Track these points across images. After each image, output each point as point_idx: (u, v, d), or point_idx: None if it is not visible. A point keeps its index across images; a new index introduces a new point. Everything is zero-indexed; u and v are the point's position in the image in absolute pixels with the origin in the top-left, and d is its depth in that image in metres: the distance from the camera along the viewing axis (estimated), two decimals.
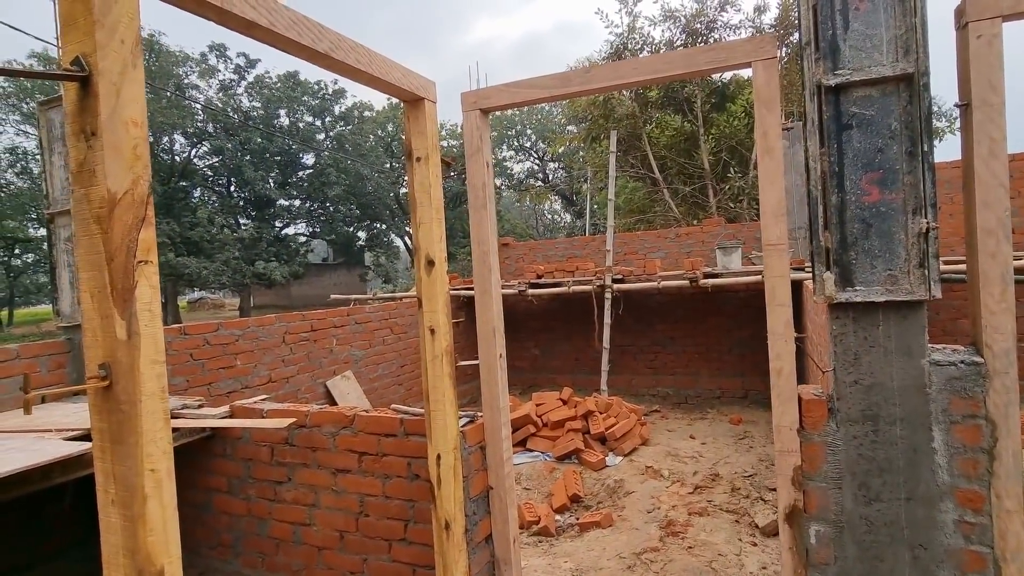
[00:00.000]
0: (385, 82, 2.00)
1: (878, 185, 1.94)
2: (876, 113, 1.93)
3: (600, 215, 17.76)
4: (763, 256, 2.12)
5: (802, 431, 2.07)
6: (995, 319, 1.85)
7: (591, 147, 13.58)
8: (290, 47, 1.60)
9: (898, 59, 1.90)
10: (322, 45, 1.67)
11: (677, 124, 11.98)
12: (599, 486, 4.61)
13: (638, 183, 13.47)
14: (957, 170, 6.71)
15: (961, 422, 1.89)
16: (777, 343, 2.09)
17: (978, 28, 1.83)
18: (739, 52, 2.13)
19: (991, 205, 1.84)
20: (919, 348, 1.92)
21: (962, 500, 1.89)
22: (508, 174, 30.69)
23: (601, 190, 18.23)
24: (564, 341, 8.04)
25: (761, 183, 2.11)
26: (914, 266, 1.90)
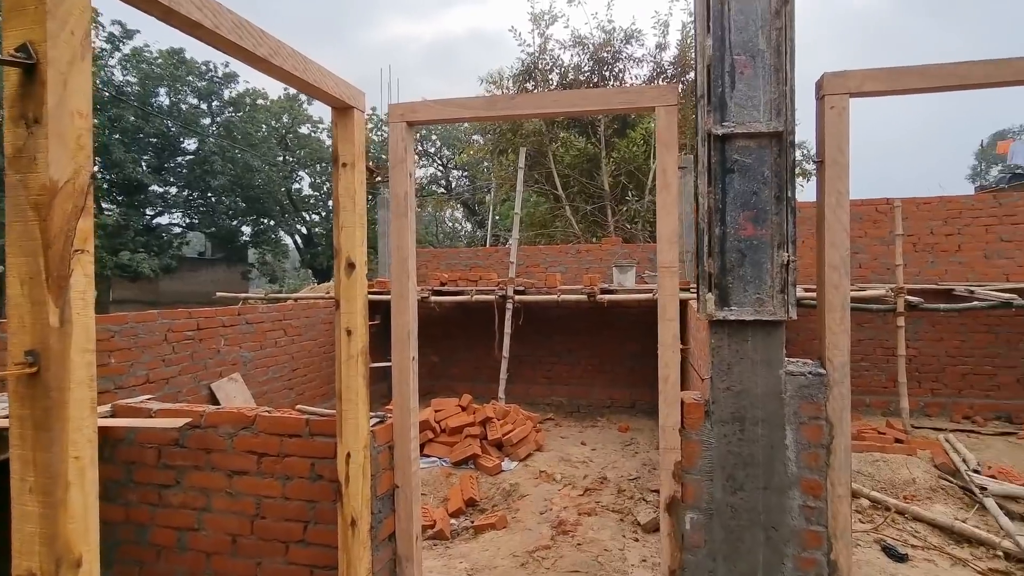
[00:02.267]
0: (318, 89, 2.04)
1: (752, 222, 2.29)
2: (753, 162, 2.29)
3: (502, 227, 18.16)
4: (657, 276, 2.40)
5: (683, 431, 2.37)
6: (835, 339, 2.26)
7: (497, 159, 13.92)
8: (231, 49, 1.61)
9: (772, 118, 2.27)
10: (262, 50, 1.69)
11: (581, 145, 12.64)
12: (495, 490, 4.77)
13: (541, 198, 14.00)
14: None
15: (808, 423, 2.27)
16: (666, 353, 2.37)
17: (832, 100, 2.24)
18: (647, 97, 2.41)
19: (836, 246, 2.25)
20: (778, 360, 2.29)
21: (806, 488, 2.27)
22: None
23: (504, 202, 18.67)
24: (464, 349, 8.16)
25: (659, 213, 2.40)
26: (777, 291, 2.26)
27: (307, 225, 28.35)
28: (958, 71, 2.16)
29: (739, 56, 2.29)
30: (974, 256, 7.27)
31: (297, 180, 27.85)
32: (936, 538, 3.90)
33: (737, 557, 2.32)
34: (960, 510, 4.30)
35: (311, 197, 27.91)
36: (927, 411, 7.20)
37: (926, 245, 7.38)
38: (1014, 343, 7.11)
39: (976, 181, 36.97)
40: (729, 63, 2.30)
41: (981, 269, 7.26)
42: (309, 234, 28.19)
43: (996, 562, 3.56)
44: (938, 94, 2.32)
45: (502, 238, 16.24)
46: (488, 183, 16.90)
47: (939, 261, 7.36)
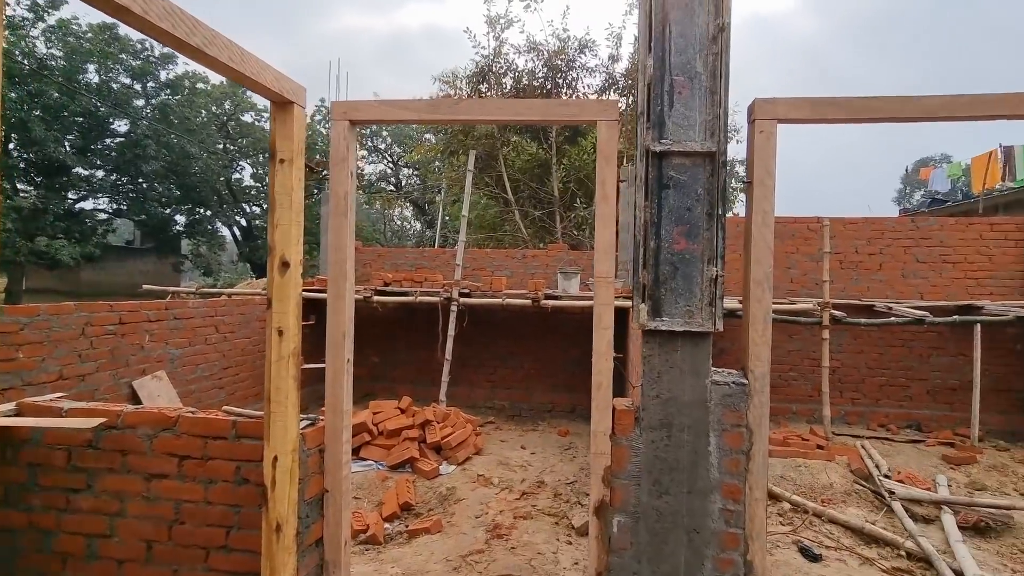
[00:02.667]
0: (256, 82, 1.98)
1: (685, 237, 2.38)
2: (687, 179, 2.38)
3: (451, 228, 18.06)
4: (595, 287, 2.46)
5: (613, 436, 2.43)
6: (757, 350, 2.38)
7: (448, 160, 13.85)
8: (162, 37, 1.55)
9: (706, 138, 2.37)
10: (195, 39, 1.63)
11: (533, 151, 12.74)
12: (431, 494, 4.74)
13: (491, 201, 14.02)
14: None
15: (730, 430, 2.38)
16: (599, 361, 2.43)
17: (761, 125, 2.37)
18: (589, 111, 2.47)
19: (760, 262, 2.38)
20: (705, 370, 2.39)
21: (727, 492, 2.38)
22: (359, 174, 29.75)
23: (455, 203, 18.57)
24: (406, 351, 8.07)
25: (597, 225, 2.46)
26: (706, 304, 2.36)
27: (247, 217, 27.28)
28: (871, 105, 2.32)
29: (678, 77, 2.38)
30: (893, 275, 7.80)
31: (238, 170, 26.72)
32: (848, 539, 4.16)
33: (660, 559, 2.40)
34: (871, 512, 4.61)
35: (252, 188, 26.88)
36: (847, 419, 7.65)
37: (851, 263, 7.86)
38: (925, 357, 7.67)
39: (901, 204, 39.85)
40: (668, 83, 2.39)
41: (899, 287, 7.80)
42: (249, 226, 27.13)
43: (900, 561, 3.83)
44: None
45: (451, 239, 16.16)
46: (439, 183, 16.79)
47: (862, 278, 7.85)
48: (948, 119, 2.31)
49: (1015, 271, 7.60)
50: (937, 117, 2.31)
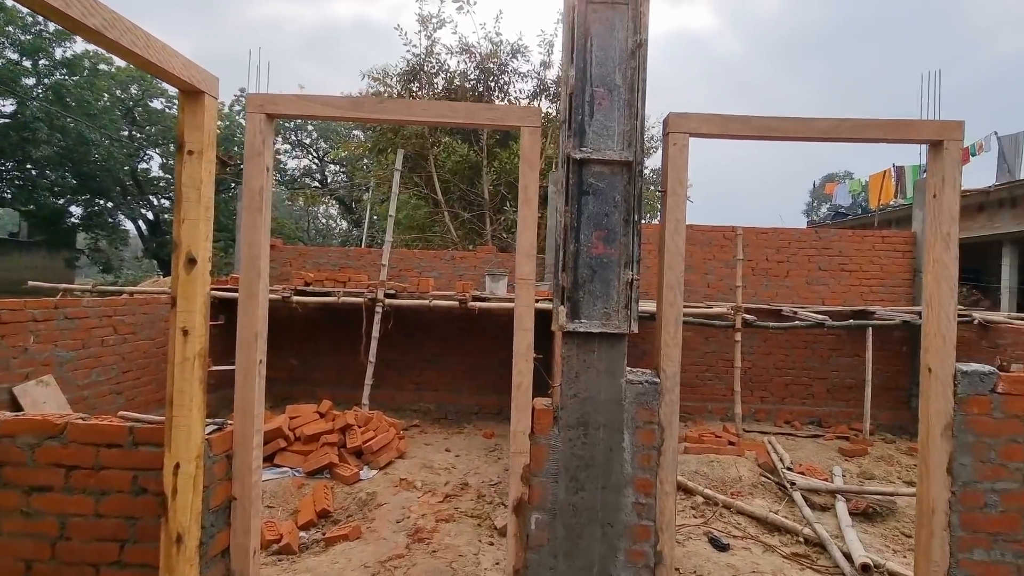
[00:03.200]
0: (163, 69, 1.87)
1: (603, 242, 2.46)
2: (606, 186, 2.47)
3: (379, 227, 17.67)
4: (517, 288, 2.49)
5: (533, 435, 2.48)
6: (669, 351, 2.49)
7: (377, 158, 13.56)
8: (55, 16, 1.43)
9: (624, 148, 2.46)
10: (93, 21, 1.52)
11: (464, 152, 12.69)
12: (351, 500, 4.62)
13: (421, 202, 13.85)
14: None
15: (643, 427, 2.48)
16: (520, 362, 2.47)
17: (674, 138, 2.49)
18: (512, 116, 2.51)
19: (672, 268, 2.50)
20: (620, 370, 2.48)
21: (639, 486, 2.47)
22: (281, 169, 28.50)
23: (383, 202, 18.18)
24: (328, 353, 7.81)
25: (519, 228, 2.50)
26: (622, 307, 2.45)
27: (155, 210, 25.43)
28: (772, 124, 2.50)
29: (598, 88, 2.47)
30: (799, 281, 8.41)
31: (145, 159, 24.85)
32: (754, 528, 4.43)
33: (576, 553, 2.46)
34: (775, 503, 4.93)
35: (161, 180, 25.09)
36: (757, 416, 8.16)
37: (762, 270, 8.40)
38: (826, 358, 8.31)
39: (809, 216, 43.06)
40: (589, 94, 2.47)
41: (803, 293, 8.41)
42: (157, 220, 25.30)
43: (798, 547, 4.13)
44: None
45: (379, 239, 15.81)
46: (367, 181, 16.39)
47: (771, 284, 8.41)
48: (836, 140, 2.53)
49: (903, 279, 8.40)
50: (827, 138, 2.52)
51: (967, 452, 2.49)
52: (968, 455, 2.49)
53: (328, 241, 30.36)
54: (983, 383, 2.51)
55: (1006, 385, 2.51)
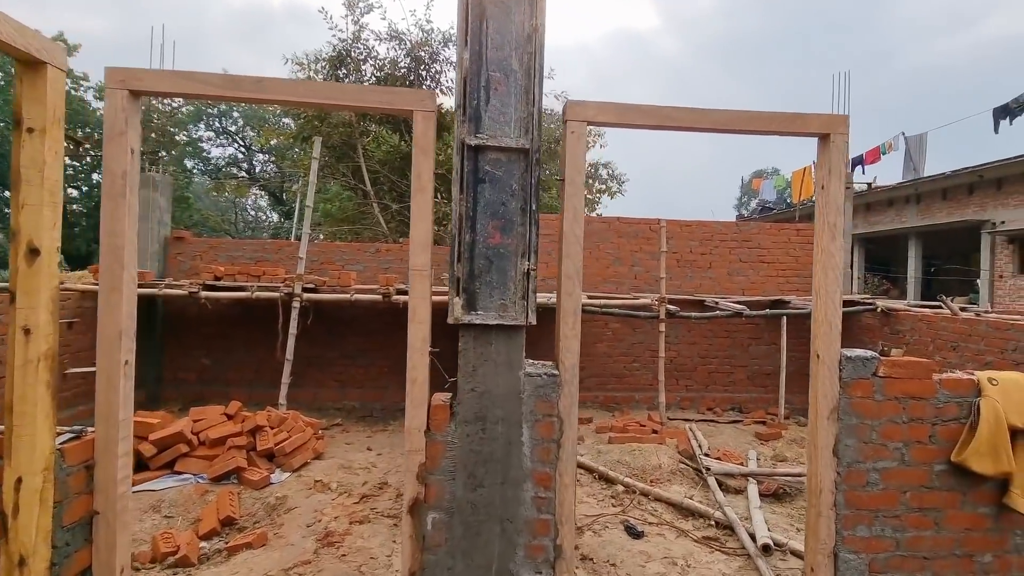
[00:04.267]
0: None
1: (500, 231, 2.39)
2: (503, 174, 2.40)
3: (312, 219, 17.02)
4: (411, 280, 2.39)
5: (428, 432, 2.38)
6: (568, 343, 2.46)
7: (303, 146, 13.02)
8: None
9: (521, 135, 2.40)
10: None
11: (395, 142, 12.38)
12: (259, 505, 4.38)
13: (351, 193, 13.42)
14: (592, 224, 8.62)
15: (542, 420, 2.44)
16: (414, 356, 2.37)
17: (572, 126, 2.45)
18: (404, 99, 2.39)
19: (571, 257, 2.46)
20: (518, 362, 2.42)
21: (538, 480, 2.43)
22: (204, 157, 27.01)
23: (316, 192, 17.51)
24: (243, 351, 7.42)
25: (413, 217, 2.39)
26: (519, 298, 2.39)
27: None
28: (670, 114, 2.50)
29: (494, 73, 2.39)
30: (721, 273, 8.70)
31: None
32: (670, 514, 4.53)
33: (475, 551, 2.40)
34: (691, 488, 5.06)
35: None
36: (681, 404, 8.40)
37: (686, 261, 8.63)
38: (745, 346, 8.65)
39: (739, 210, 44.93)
40: (485, 78, 2.38)
41: (725, 284, 8.71)
42: None
43: (710, 530, 4.24)
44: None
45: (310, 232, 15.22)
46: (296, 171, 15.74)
47: (696, 275, 8.66)
48: (730, 131, 2.56)
49: None
50: (722, 129, 2.54)
51: (851, 434, 2.60)
52: (852, 436, 2.60)
53: (257, 234, 29.04)
54: (865, 367, 2.62)
55: (886, 369, 2.62)
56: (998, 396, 2.60)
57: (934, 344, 6.59)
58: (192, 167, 26.88)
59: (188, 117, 25.01)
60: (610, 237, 8.34)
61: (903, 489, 2.62)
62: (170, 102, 23.44)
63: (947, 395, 2.65)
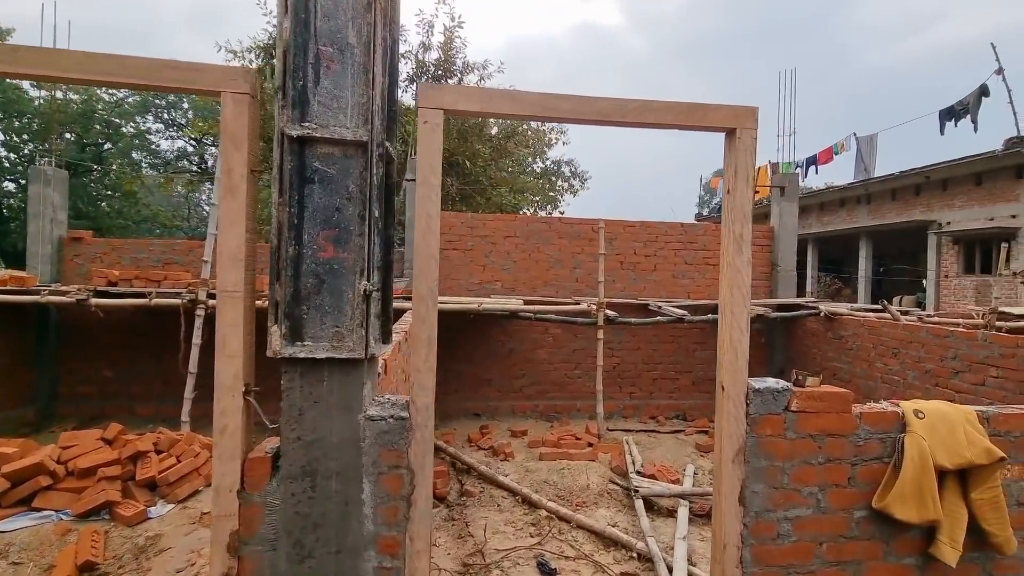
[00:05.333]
0: None
1: (333, 243, 1.95)
2: (337, 173, 1.95)
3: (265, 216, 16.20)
4: (218, 304, 1.92)
5: (243, 493, 1.93)
6: (420, 377, 2.03)
7: None
8: None
9: (359, 125, 1.95)
10: None
11: None
12: (128, 545, 3.84)
13: None
14: (535, 224, 8.23)
15: (387, 472, 2.01)
16: (224, 398, 1.91)
17: (425, 115, 2.01)
18: (209, 78, 1.92)
19: (425, 275, 2.02)
20: (357, 404, 1.98)
21: (383, 547, 2.00)
22: (152, 150, 25.75)
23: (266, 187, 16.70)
24: (151, 361, 6.78)
25: (221, 224, 1.92)
26: (357, 325, 1.95)
27: None
28: (546, 102, 2.10)
29: (325, 48, 1.93)
30: (666, 275, 8.41)
31: None
32: (591, 544, 4.15)
33: None
34: (618, 512, 4.70)
35: None
36: (624, 413, 8.09)
37: (630, 263, 8.32)
38: (691, 352, 8.39)
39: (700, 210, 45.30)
40: (314, 54, 1.93)
41: (670, 287, 8.43)
42: None
43: (630, 564, 3.88)
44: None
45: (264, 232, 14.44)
46: None
47: (640, 278, 8.35)
48: (621, 124, 2.17)
49: (761, 272, 8.65)
50: (611, 121, 2.15)
51: (759, 478, 2.24)
52: (761, 481, 2.24)
53: None
54: (776, 401, 2.27)
55: (800, 402, 2.28)
56: (924, 432, 2.28)
57: (876, 351, 6.41)
58: (140, 160, 25.61)
59: (134, 108, 23.77)
60: (551, 238, 7.96)
61: (819, 540, 2.28)
62: (116, 92, 22.21)
63: (869, 431, 2.32)
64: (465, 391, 7.69)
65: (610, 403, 7.82)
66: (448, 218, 7.87)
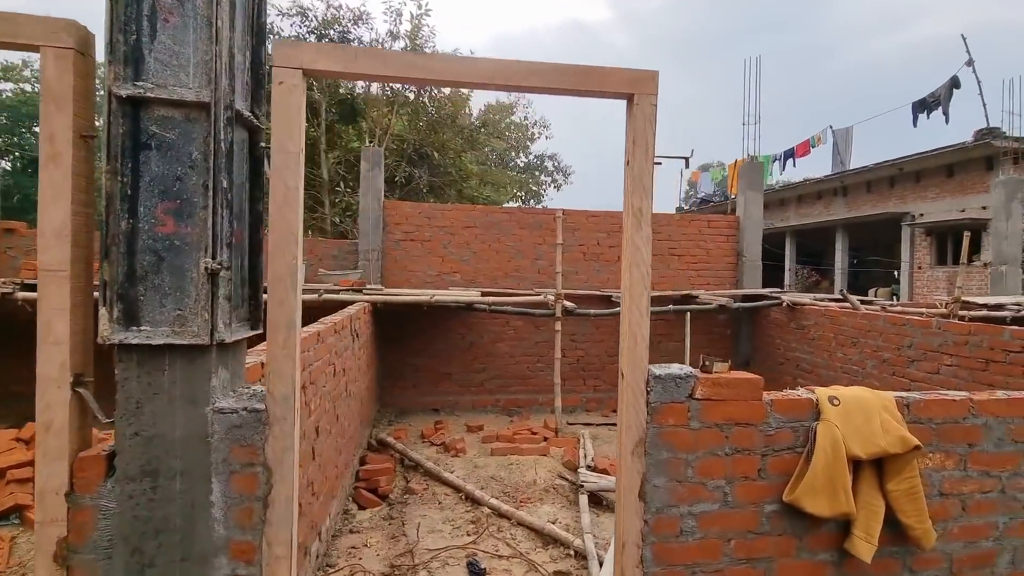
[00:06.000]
0: None
1: (174, 216, 1.75)
2: (178, 138, 1.75)
3: None
4: (39, 284, 1.71)
5: (72, 495, 1.73)
6: (278, 366, 1.84)
7: None
8: None
9: (203, 85, 1.75)
10: None
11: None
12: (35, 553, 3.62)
13: None
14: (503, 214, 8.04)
15: (240, 471, 1.82)
16: (48, 391, 1.71)
17: (281, 75, 1.81)
18: (26, 30, 1.70)
19: (282, 253, 1.83)
20: (204, 395, 1.79)
21: (235, 553, 1.81)
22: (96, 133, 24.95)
23: None
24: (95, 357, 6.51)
25: (43, 197, 1.71)
26: (202, 308, 1.76)
27: None
28: (418, 61, 1.91)
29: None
30: None
31: None
32: (530, 542, 3.99)
33: None
34: (562, 508, 4.54)
35: None
36: (587, 406, 7.93)
37: (594, 254, 8.16)
38: (656, 343, 8.23)
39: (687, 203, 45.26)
40: (149, 4, 1.72)
41: None
42: None
43: (566, 562, 3.72)
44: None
45: None
46: None
47: (603, 269, 8.19)
48: (504, 88, 2.00)
49: (727, 263, 8.53)
50: (494, 84, 1.97)
51: (661, 471, 2.08)
52: (663, 475, 2.08)
53: None
54: (679, 388, 2.11)
55: (705, 389, 2.12)
56: (838, 420, 2.14)
57: (836, 340, 6.31)
58: None
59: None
60: (511, 229, 7.77)
61: (726, 537, 2.13)
62: None
63: (780, 419, 2.16)
64: (424, 386, 7.50)
65: (573, 396, 7.68)
66: (405, 208, 7.66)
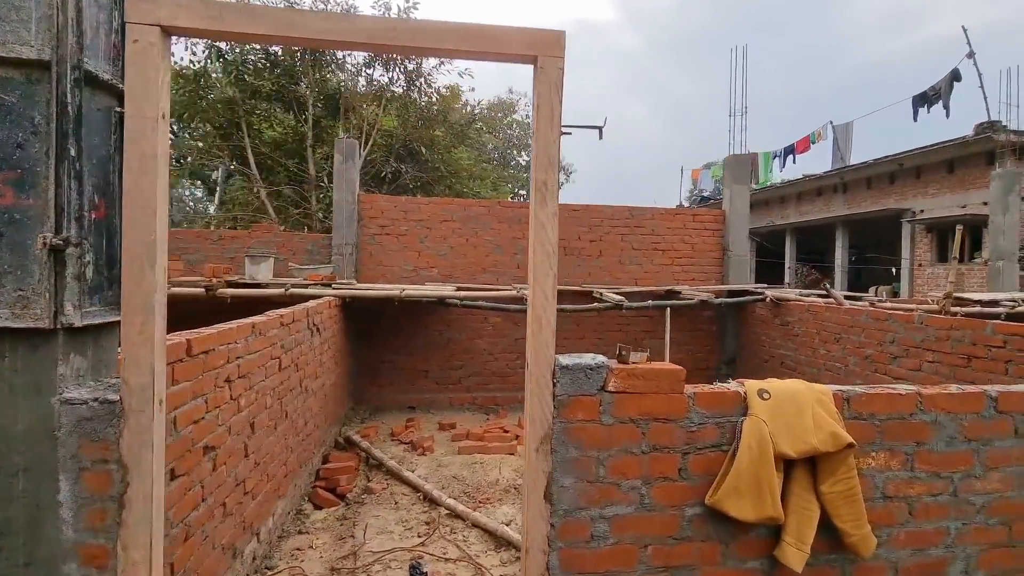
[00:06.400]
0: None
1: (14, 187, 1.59)
2: (17, 101, 1.59)
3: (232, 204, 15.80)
4: None
5: None
6: (134, 352, 1.67)
7: (186, 125, 11.84)
8: None
9: (45, 42, 1.59)
10: None
11: (291, 121, 11.38)
12: None
13: (243, 178, 12.36)
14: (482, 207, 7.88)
15: (91, 468, 1.66)
16: None
17: (135, 31, 1.65)
18: None
19: (138, 228, 1.67)
20: (49, 385, 1.63)
21: (86, 558, 1.65)
22: None
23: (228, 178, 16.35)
24: None
25: None
26: (46, 288, 1.60)
27: None
28: (293, 19, 1.74)
29: None
30: (612, 261, 8.06)
31: None
32: (482, 544, 3.82)
33: None
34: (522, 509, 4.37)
35: None
36: None
37: (574, 249, 7.96)
38: (639, 339, 8.04)
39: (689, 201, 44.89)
40: None
41: (617, 273, 8.08)
42: None
43: (516, 566, 3.55)
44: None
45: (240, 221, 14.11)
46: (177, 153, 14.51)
47: (585, 264, 8.00)
48: (391, 49, 1.82)
49: (713, 258, 8.31)
50: (378, 44, 1.80)
51: (569, 471, 1.91)
52: (570, 475, 1.91)
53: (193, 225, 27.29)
54: (589, 380, 1.93)
55: (618, 381, 1.94)
56: (766, 415, 1.95)
57: (819, 336, 6.09)
58: None
59: None
60: (490, 223, 7.60)
61: (643, 542, 1.95)
62: None
63: (704, 415, 1.98)
64: (401, 383, 7.34)
65: None
66: (380, 201, 7.50)
